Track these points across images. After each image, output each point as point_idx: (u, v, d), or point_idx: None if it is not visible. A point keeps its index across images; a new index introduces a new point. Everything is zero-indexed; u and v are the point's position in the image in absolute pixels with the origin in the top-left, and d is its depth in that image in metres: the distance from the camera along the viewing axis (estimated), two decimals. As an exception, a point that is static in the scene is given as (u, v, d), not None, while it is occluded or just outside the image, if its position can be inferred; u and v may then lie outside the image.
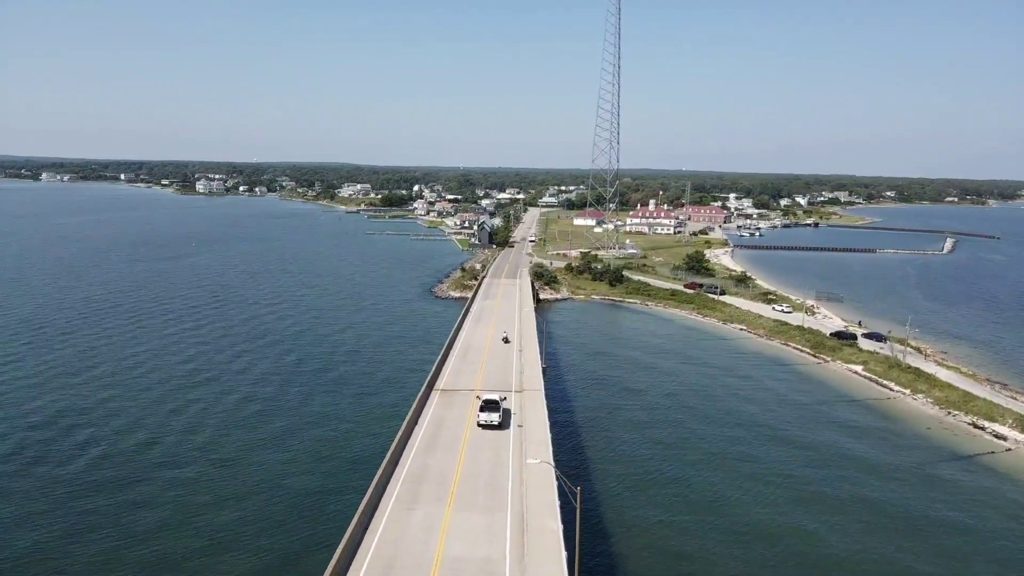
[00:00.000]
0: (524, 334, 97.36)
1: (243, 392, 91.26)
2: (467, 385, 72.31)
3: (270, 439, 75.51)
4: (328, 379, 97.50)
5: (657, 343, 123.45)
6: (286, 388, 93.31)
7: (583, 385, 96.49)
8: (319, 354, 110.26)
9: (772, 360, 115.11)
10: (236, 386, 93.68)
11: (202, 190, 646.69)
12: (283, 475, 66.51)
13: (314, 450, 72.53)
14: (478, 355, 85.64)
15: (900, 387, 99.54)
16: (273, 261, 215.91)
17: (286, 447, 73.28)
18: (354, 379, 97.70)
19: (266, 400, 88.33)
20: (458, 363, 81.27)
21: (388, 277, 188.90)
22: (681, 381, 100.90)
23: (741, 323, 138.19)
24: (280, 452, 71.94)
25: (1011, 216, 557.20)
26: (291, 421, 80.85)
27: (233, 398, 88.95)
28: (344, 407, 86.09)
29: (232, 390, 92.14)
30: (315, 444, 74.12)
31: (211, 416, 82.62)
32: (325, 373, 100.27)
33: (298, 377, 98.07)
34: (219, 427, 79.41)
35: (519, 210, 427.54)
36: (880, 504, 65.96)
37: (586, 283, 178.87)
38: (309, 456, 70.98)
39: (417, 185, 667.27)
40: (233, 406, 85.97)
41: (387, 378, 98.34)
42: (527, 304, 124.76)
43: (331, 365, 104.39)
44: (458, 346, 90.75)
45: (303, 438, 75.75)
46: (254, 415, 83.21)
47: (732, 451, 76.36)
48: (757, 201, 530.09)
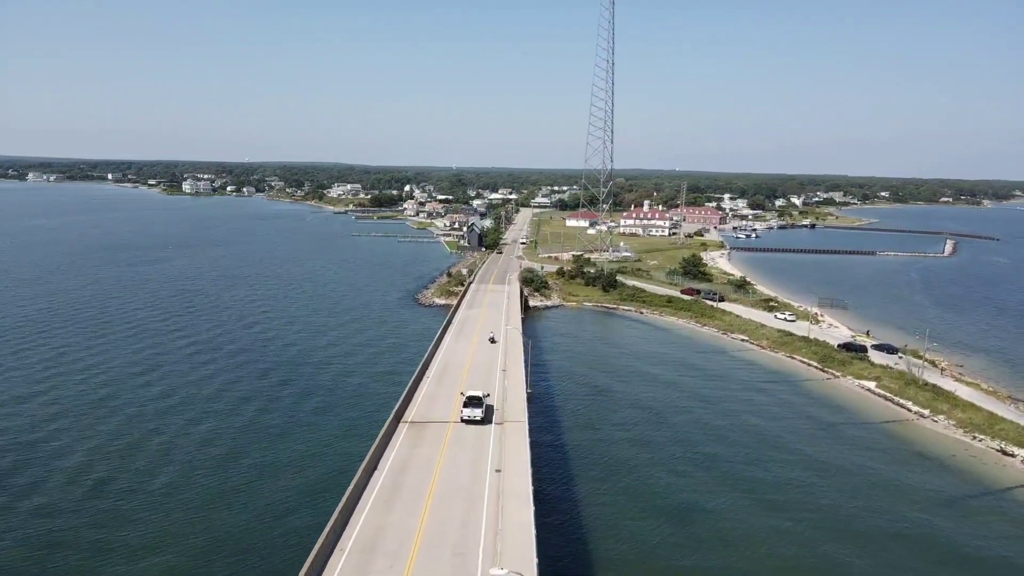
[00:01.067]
0: (509, 351, 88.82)
1: (195, 411, 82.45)
2: (441, 415, 63.68)
3: (214, 468, 66.87)
4: (289, 399, 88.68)
5: (653, 357, 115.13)
6: (241, 407, 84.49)
7: (573, 413, 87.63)
8: (284, 368, 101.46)
9: (778, 376, 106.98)
10: (189, 404, 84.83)
11: (188, 190, 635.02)
12: (207, 525, 57.85)
13: (252, 494, 63.84)
14: (456, 377, 77.05)
15: (918, 407, 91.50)
16: (250, 265, 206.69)
17: (222, 486, 64.60)
18: (318, 400, 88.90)
19: (217, 420, 79.53)
20: (433, 387, 72.62)
21: (371, 282, 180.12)
22: (680, 406, 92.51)
23: (742, 333, 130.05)
24: (216, 490, 63.31)
25: (1008, 216, 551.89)
26: (237, 446, 72.16)
27: (181, 419, 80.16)
28: (301, 436, 77.34)
29: (183, 408, 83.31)
30: (256, 484, 65.45)
31: (153, 440, 73.87)
32: (286, 391, 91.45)
33: (257, 395, 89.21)
34: (159, 451, 70.77)
35: (511, 211, 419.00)
36: (912, 538, 59.94)
37: (578, 289, 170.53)
38: (245, 500, 62.30)
39: (408, 185, 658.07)
40: (180, 428, 77.19)
41: (356, 399, 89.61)
42: (514, 314, 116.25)
43: (296, 382, 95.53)
44: (435, 365, 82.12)
45: (242, 475, 67.09)
46: (201, 440, 74.47)
47: (740, 498, 68.07)
48: (752, 202, 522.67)
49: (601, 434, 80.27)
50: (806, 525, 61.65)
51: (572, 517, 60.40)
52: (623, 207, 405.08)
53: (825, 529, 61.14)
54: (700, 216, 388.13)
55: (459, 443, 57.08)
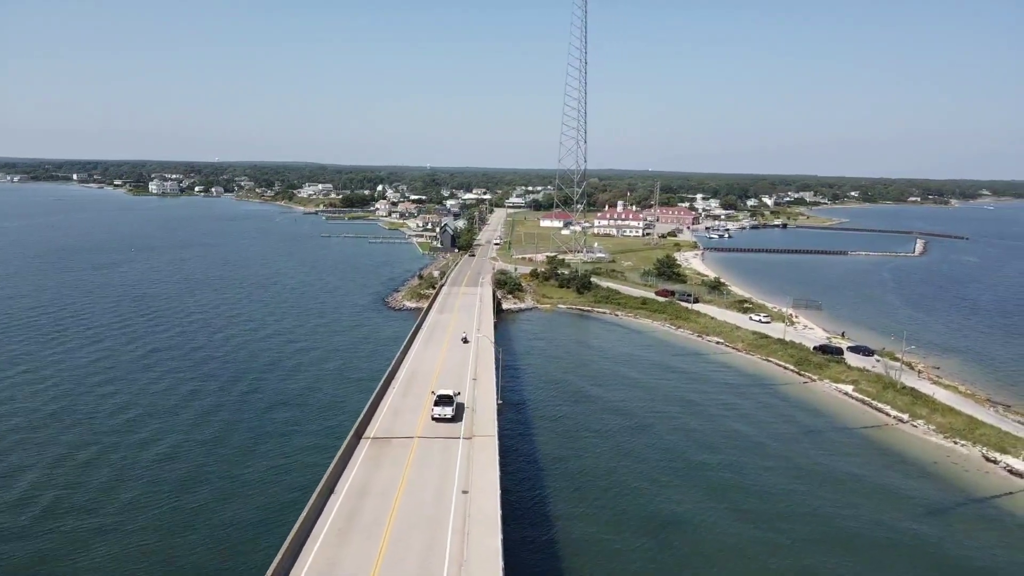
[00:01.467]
0: (480, 358, 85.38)
1: (154, 425, 77.72)
2: (405, 430, 59.99)
3: (174, 486, 62.48)
4: (251, 409, 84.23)
5: (629, 362, 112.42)
6: (202, 419, 79.93)
7: (546, 423, 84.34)
8: (247, 378, 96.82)
9: (754, 379, 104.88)
10: (148, 417, 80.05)
11: (155, 191, 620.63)
12: (165, 553, 53.65)
13: (211, 516, 59.68)
14: (425, 386, 73.39)
15: (897, 411, 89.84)
16: (215, 268, 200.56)
17: (181, 507, 60.32)
18: (282, 412, 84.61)
19: (177, 434, 74.92)
20: (398, 399, 68.86)
21: (339, 285, 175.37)
22: (658, 413, 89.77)
23: (717, 335, 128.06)
24: (175, 511, 59.02)
25: (975, 216, 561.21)
26: (198, 462, 67.77)
27: (140, 433, 75.45)
28: (264, 451, 73.12)
29: (142, 422, 78.55)
30: (217, 504, 61.26)
31: (110, 457, 69.18)
32: (248, 401, 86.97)
33: (219, 407, 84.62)
34: (115, 469, 66.18)
35: (484, 211, 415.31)
36: (899, 549, 58.36)
37: (552, 290, 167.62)
38: (204, 523, 58.13)
39: (381, 185, 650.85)
40: (138, 443, 72.53)
41: (320, 410, 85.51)
42: (486, 319, 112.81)
43: (259, 391, 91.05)
44: (402, 374, 78.35)
45: (202, 494, 62.83)
46: (159, 455, 69.97)
47: (724, 511, 65.39)
48: (724, 202, 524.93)
49: (576, 444, 77.18)
50: (790, 536, 59.41)
51: (546, 536, 57.17)
52: (597, 207, 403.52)
53: (810, 540, 58.85)
54: (673, 216, 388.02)
55: (424, 461, 53.50)
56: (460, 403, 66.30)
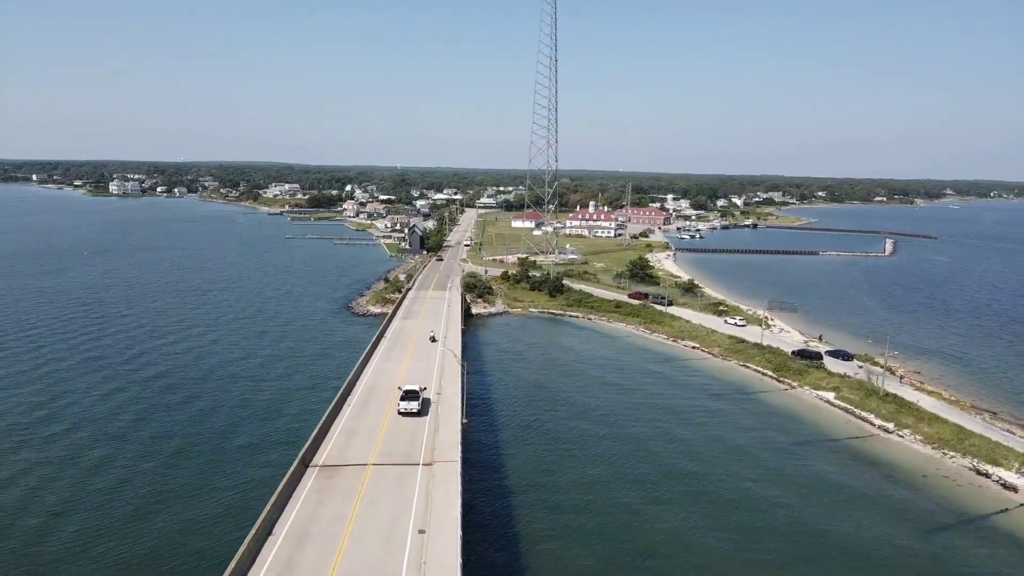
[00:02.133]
0: (445, 372, 79.74)
1: (89, 446, 70.72)
2: (359, 456, 54.15)
3: (97, 506, 55.84)
4: (196, 428, 77.54)
5: (602, 369, 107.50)
6: (131, 443, 73.10)
7: (515, 442, 78.45)
8: (195, 392, 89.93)
9: (732, 387, 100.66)
10: (75, 444, 72.94)
11: (115, 191, 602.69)
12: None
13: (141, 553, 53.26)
14: (383, 403, 67.60)
15: (882, 420, 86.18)
16: (168, 273, 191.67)
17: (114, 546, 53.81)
18: (231, 432, 78.09)
19: (119, 470, 68.07)
20: (353, 418, 62.96)
21: (301, 289, 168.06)
22: (633, 427, 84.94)
23: (693, 340, 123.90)
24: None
25: (941, 215, 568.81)
26: (126, 492, 61.15)
27: (65, 457, 68.37)
28: (209, 479, 66.67)
29: (69, 450, 71.42)
30: (157, 550, 54.82)
31: (33, 474, 62.16)
32: (194, 419, 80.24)
33: (162, 425, 77.78)
34: (34, 487, 59.22)
35: (455, 212, 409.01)
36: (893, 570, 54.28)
37: (524, 294, 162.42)
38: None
39: (350, 185, 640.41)
40: (54, 470, 65.54)
41: (266, 434, 79.14)
42: (454, 326, 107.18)
43: (208, 409, 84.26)
44: (360, 389, 72.44)
45: (142, 535, 56.34)
46: (87, 469, 63.16)
47: (706, 527, 60.61)
48: (695, 202, 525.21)
49: (548, 461, 71.88)
50: (777, 553, 55.67)
51: (514, 572, 51.80)
52: (569, 208, 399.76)
53: (798, 558, 55.06)
54: (645, 217, 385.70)
55: (377, 494, 47.78)
56: (426, 399, 68.45)
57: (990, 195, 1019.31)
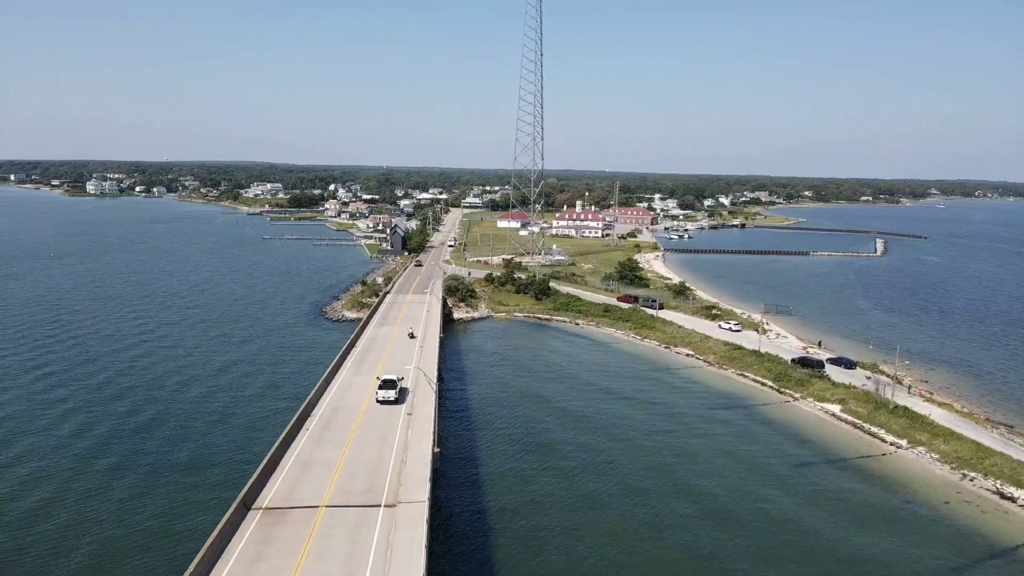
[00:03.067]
0: (419, 390, 72.37)
1: (27, 469, 62.68)
2: (310, 495, 46.62)
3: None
4: (146, 451, 69.68)
5: (591, 381, 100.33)
6: (72, 464, 65.11)
7: (494, 464, 70.90)
8: (141, 407, 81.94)
9: (729, 399, 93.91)
10: (23, 455, 64.99)
11: (93, 191, 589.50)
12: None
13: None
14: (346, 428, 60.14)
15: (894, 436, 79.76)
16: (137, 276, 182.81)
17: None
18: (180, 455, 70.31)
19: (53, 487, 60.12)
20: (310, 447, 55.46)
21: (275, 293, 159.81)
22: (623, 443, 78.00)
23: (687, 347, 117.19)
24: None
25: (927, 215, 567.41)
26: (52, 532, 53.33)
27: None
28: (156, 516, 58.91)
29: (15, 462, 63.44)
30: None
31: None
32: (143, 439, 72.31)
33: (95, 447, 69.86)
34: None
35: (439, 211, 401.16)
36: None
37: (509, 297, 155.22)
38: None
39: (333, 184, 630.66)
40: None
41: (214, 464, 71.41)
42: (431, 337, 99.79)
43: (150, 426, 76.35)
44: (321, 409, 64.93)
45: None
46: (28, 510, 55.23)
47: (710, 561, 53.68)
48: (682, 202, 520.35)
49: (530, 491, 64.69)
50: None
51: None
52: (555, 208, 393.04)
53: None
54: (632, 217, 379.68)
55: (327, 544, 40.39)
56: (404, 388, 70.71)
57: (975, 194, 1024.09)
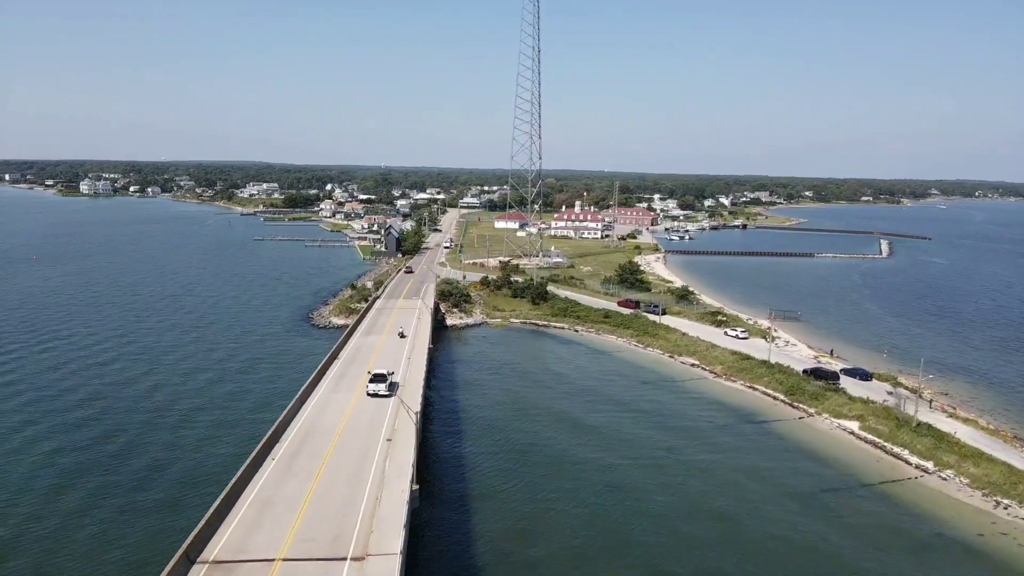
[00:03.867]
0: (401, 413, 66.14)
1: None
2: (266, 545, 40.21)
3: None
4: (96, 482, 63.55)
5: (591, 393, 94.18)
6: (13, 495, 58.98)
7: (479, 505, 65.37)
8: (99, 428, 75.78)
9: (740, 414, 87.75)
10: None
11: (86, 191, 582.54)
12: None
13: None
14: (317, 457, 53.91)
15: (918, 458, 73.67)
16: (119, 280, 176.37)
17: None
18: (140, 488, 64.18)
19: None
20: (273, 481, 49.16)
21: (261, 298, 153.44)
22: (625, 465, 71.86)
23: (692, 356, 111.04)
24: None
25: (929, 215, 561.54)
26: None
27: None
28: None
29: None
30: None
31: None
32: (73, 474, 66.23)
33: (29, 476, 63.73)
34: None
35: (436, 212, 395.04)
36: None
37: (505, 301, 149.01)
38: None
39: (330, 184, 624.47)
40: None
41: (165, 501, 65.26)
42: (420, 347, 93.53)
43: (102, 452, 70.23)
44: (292, 433, 58.69)
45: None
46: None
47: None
48: (682, 202, 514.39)
49: (528, 527, 58.63)
50: None
51: None
52: (554, 208, 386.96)
53: None
54: (632, 217, 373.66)
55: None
56: (394, 382, 72.76)
57: (975, 195, 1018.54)
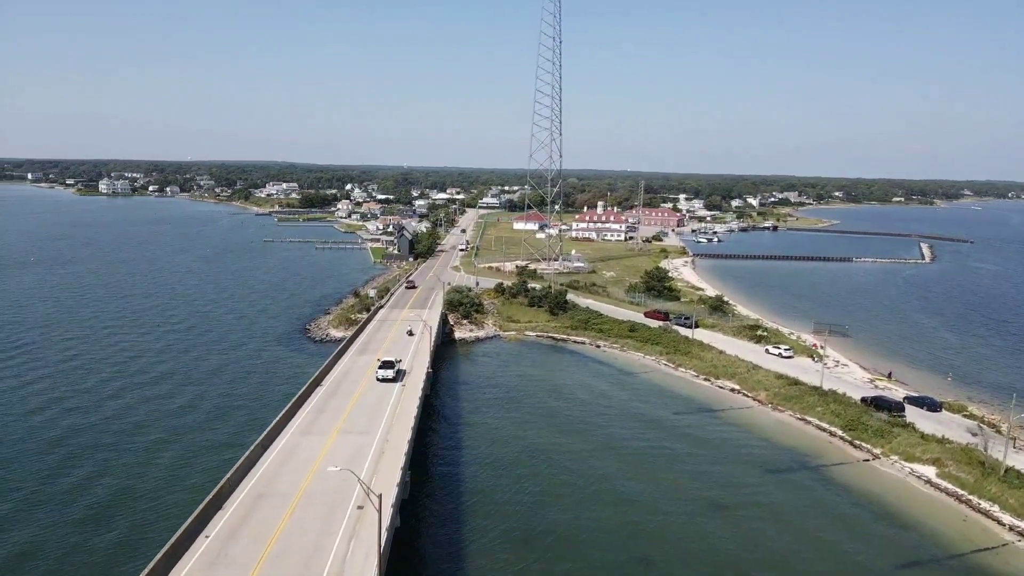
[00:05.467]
0: (380, 468, 54.30)
1: None
2: None
3: None
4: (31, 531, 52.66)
5: (614, 426, 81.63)
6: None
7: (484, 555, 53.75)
8: (52, 465, 65.10)
9: (790, 455, 74.71)
10: None
11: (105, 190, 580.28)
12: None
13: None
14: (270, 522, 42.31)
15: (1012, 516, 60.41)
16: (115, 286, 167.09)
17: None
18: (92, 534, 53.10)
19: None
20: (215, 548, 37.54)
21: (258, 306, 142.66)
22: (658, 524, 59.43)
23: (730, 378, 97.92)
24: None
25: (965, 217, 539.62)
26: None
27: None
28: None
29: None
30: None
31: None
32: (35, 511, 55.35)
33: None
34: None
35: (453, 212, 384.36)
36: None
37: (520, 311, 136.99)
38: None
39: (350, 184, 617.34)
40: None
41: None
42: (416, 377, 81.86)
43: (48, 495, 59.39)
44: (249, 486, 47.16)
45: None
46: None
47: None
48: (709, 202, 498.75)
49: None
50: None
51: None
52: (576, 208, 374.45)
53: None
54: (657, 218, 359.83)
55: None
56: (401, 369, 79.00)
57: (1008, 195, 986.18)
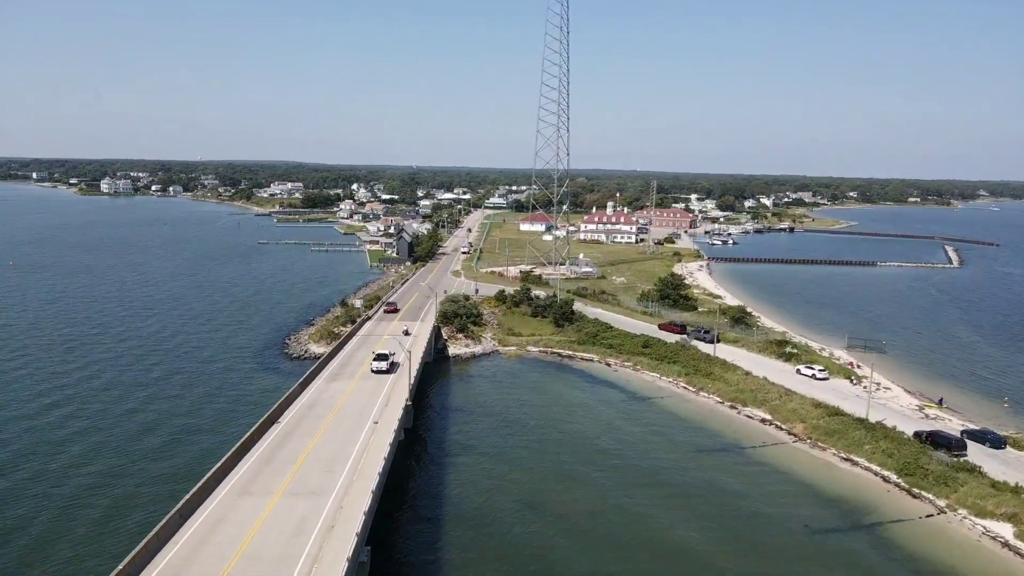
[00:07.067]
0: (331, 547, 42.57)
1: None
2: None
3: None
4: None
5: (626, 466, 69.40)
6: None
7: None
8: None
9: (837, 508, 62.06)
10: None
11: (107, 190, 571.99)
12: None
13: None
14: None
15: None
16: (91, 292, 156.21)
17: None
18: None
19: None
20: None
21: (238, 317, 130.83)
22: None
23: (760, 406, 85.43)
24: None
25: (983, 218, 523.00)
26: None
27: None
28: None
29: None
30: None
31: None
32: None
33: None
34: None
35: (458, 213, 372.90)
36: None
37: (523, 322, 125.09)
38: None
39: (356, 184, 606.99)
40: None
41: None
42: (396, 402, 70.11)
43: None
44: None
45: None
46: None
47: None
48: (722, 203, 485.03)
49: None
50: None
51: None
52: (584, 209, 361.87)
53: None
54: (669, 219, 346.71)
55: None
56: (395, 362, 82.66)
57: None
